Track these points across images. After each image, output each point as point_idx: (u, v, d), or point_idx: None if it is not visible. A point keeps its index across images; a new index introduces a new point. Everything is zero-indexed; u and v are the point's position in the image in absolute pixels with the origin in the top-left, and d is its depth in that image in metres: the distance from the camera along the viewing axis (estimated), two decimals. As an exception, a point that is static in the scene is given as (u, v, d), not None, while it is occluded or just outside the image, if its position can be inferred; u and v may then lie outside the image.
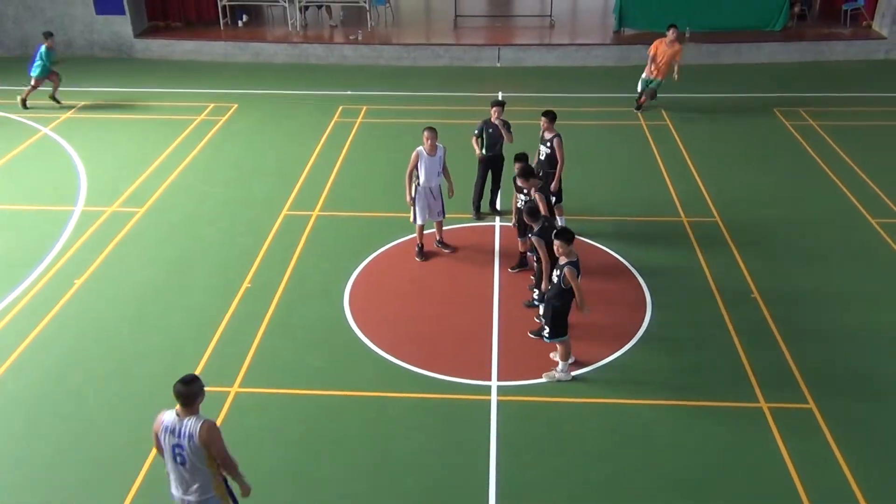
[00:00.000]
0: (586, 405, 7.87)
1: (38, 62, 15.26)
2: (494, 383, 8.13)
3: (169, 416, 5.41)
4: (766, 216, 11.44)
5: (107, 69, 18.23)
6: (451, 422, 7.67)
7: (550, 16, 20.33)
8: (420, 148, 9.96)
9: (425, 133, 9.89)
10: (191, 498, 5.57)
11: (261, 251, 10.52)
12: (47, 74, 15.43)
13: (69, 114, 15.32)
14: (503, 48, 18.55)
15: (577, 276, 7.66)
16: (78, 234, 10.94)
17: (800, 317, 9.19)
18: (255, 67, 18.39)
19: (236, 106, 15.73)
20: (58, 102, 15.75)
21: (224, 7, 19.71)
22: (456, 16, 20.41)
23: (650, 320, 9.12)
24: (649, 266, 10.14)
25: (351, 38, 19.04)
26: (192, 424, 5.33)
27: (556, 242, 7.71)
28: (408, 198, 10.03)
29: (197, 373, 8.19)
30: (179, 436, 5.34)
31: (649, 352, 8.63)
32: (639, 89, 15.33)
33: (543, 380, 8.14)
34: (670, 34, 14.47)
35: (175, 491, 5.61)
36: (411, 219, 10.22)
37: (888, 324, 9.08)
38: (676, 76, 14.60)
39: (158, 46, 19.11)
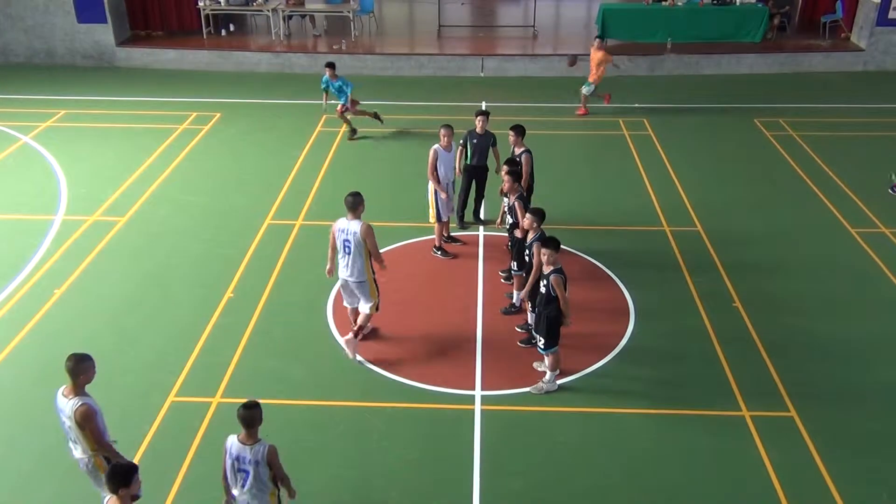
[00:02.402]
0: (570, 414, 7.88)
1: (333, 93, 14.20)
2: (478, 393, 8.12)
3: (342, 221, 8.11)
4: (747, 225, 11.54)
5: (88, 78, 18.11)
6: (435, 432, 7.65)
7: (534, 26, 20.44)
8: (437, 146, 10.26)
9: (442, 131, 10.28)
10: (353, 279, 8.23)
11: (243, 261, 10.46)
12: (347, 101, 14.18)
13: (50, 122, 15.18)
14: (487, 58, 18.62)
15: (564, 285, 7.69)
16: (58, 244, 10.83)
17: (781, 325, 9.26)
18: (238, 77, 18.34)
19: (219, 115, 15.68)
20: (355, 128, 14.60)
21: (207, 16, 19.66)
22: (440, 26, 20.47)
23: (633, 329, 9.16)
24: (632, 275, 10.19)
25: (335, 47, 19.04)
26: (355, 224, 8.01)
27: (543, 251, 7.72)
28: (443, 195, 10.26)
29: (178, 384, 8.17)
30: (347, 232, 8.03)
31: (632, 361, 8.66)
32: None
33: (532, 392, 8.13)
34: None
35: (342, 274, 8.27)
36: (433, 218, 10.35)
37: (868, 332, 9.17)
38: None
39: (140, 55, 19.01)
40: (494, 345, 8.86)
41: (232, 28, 20.10)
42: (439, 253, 10.60)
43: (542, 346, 8.01)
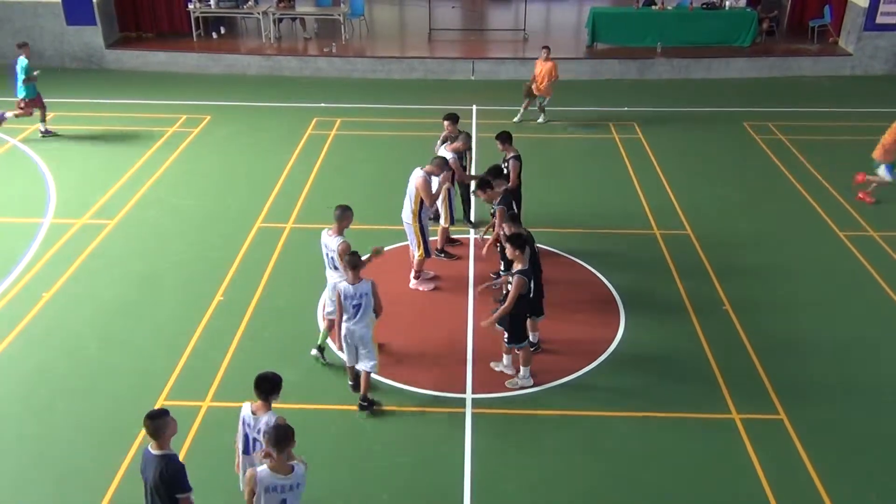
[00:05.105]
0: (561, 417, 7.89)
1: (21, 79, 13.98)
2: (469, 396, 8.12)
3: (415, 171, 9.44)
4: (736, 228, 11.59)
5: (78, 80, 18.01)
6: (426, 435, 7.65)
7: (524, 30, 20.49)
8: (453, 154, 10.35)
9: (449, 124, 10.65)
10: (404, 221, 9.62)
11: (233, 264, 10.43)
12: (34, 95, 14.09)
13: (38, 125, 15.08)
14: (477, 61, 18.65)
15: (528, 285, 7.61)
16: (46, 247, 10.76)
17: (770, 327, 9.31)
18: (228, 79, 18.29)
19: (209, 118, 15.63)
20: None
21: (197, 19, 19.61)
22: (430, 29, 20.49)
23: (623, 332, 9.18)
24: (622, 278, 10.21)
25: (325, 50, 19.03)
26: (418, 172, 9.39)
27: (508, 247, 7.70)
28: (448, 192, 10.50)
29: (168, 387, 8.14)
30: (413, 177, 9.34)
31: (623, 363, 8.68)
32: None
33: (507, 385, 8.21)
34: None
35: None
36: (445, 221, 10.52)
37: (856, 334, 9.22)
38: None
39: (130, 58, 18.94)
40: (485, 348, 8.85)
41: (222, 31, 20.06)
42: (443, 255, 10.63)
43: (506, 340, 8.05)
